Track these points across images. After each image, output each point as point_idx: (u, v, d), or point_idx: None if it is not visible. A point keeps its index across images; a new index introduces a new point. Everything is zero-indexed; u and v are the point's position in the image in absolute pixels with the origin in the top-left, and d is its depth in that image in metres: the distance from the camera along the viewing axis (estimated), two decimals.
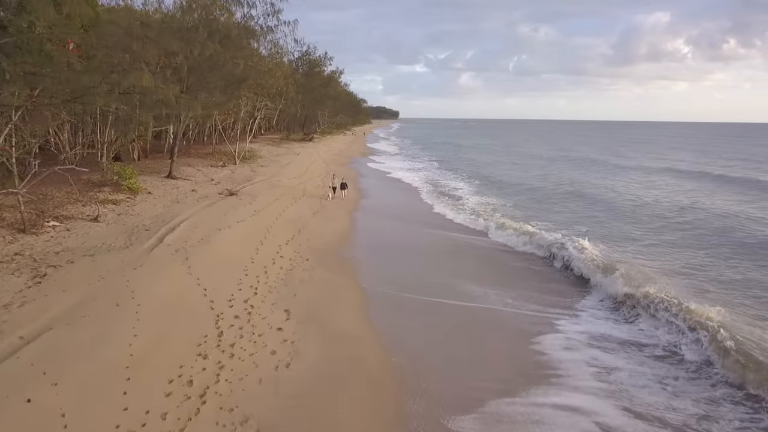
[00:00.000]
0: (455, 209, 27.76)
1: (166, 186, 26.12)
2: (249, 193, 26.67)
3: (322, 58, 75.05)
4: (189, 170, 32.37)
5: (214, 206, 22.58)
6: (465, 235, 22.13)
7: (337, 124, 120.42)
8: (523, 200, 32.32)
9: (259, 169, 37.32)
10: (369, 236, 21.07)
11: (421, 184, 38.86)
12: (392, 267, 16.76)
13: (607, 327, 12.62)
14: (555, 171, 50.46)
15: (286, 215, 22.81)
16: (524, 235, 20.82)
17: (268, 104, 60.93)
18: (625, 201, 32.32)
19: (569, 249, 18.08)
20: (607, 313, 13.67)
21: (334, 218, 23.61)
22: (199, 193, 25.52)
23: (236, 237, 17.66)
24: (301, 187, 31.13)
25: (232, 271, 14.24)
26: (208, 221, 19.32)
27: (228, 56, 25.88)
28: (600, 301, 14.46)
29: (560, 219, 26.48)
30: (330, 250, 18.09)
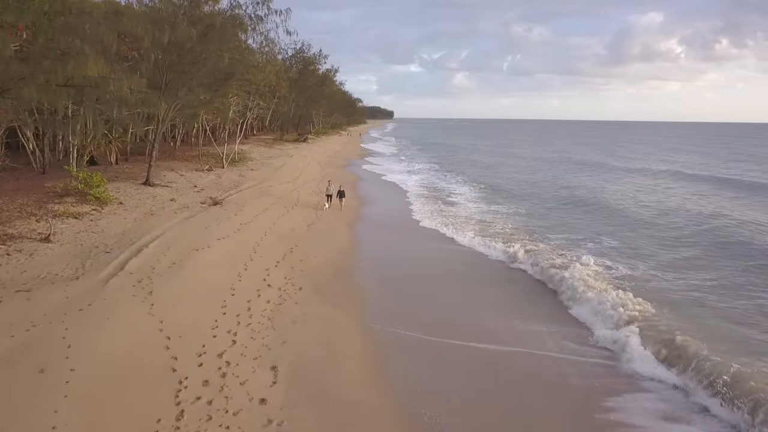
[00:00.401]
0: (465, 222, 24.85)
1: (142, 195, 23.19)
2: (235, 202, 23.79)
3: (316, 56, 72.20)
4: (171, 175, 29.44)
5: (193, 219, 19.69)
6: (482, 250, 19.39)
7: (331, 124, 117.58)
8: (532, 209, 29.50)
9: (249, 173, 34.41)
10: (373, 255, 18.22)
11: (424, 190, 36.09)
12: (404, 297, 13.93)
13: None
14: (558, 174, 47.74)
15: (276, 229, 19.98)
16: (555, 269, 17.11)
17: (260, 103, 58.19)
18: (643, 210, 29.55)
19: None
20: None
21: (332, 232, 20.79)
22: (179, 202, 22.62)
23: (215, 259, 14.80)
24: (294, 194, 28.27)
25: (206, 308, 11.40)
26: (184, 239, 16.44)
27: (212, 49, 22.97)
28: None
29: (578, 233, 23.53)
30: (328, 274, 15.27)
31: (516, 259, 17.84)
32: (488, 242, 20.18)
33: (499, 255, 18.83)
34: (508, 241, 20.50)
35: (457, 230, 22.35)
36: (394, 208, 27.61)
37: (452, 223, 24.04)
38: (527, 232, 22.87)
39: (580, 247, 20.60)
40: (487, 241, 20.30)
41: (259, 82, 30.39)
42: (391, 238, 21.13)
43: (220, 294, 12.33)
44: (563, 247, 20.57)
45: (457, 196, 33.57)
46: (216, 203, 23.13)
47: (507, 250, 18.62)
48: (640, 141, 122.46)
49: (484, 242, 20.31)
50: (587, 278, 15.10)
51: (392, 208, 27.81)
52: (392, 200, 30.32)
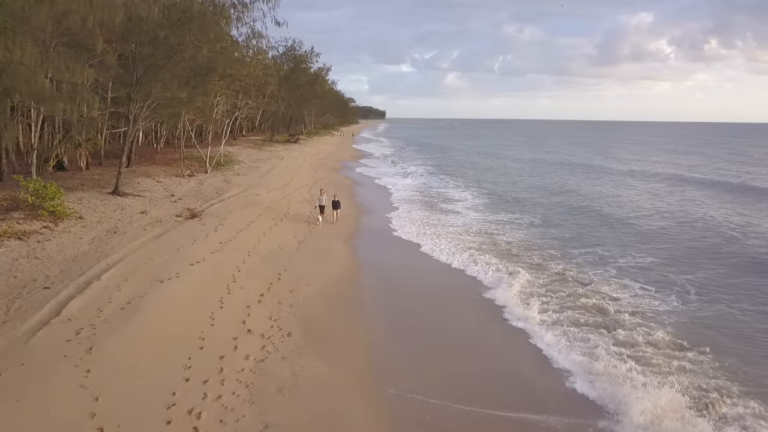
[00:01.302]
0: (478, 240, 21.94)
1: (108, 207, 20.22)
2: (216, 214, 20.88)
3: (308, 53, 69.24)
4: (146, 182, 26.44)
5: (164, 237, 16.77)
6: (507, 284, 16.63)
7: (323, 124, 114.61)
8: (545, 218, 26.72)
9: (235, 178, 31.46)
10: (377, 282, 15.30)
11: (425, 197, 33.32)
12: (422, 344, 11.07)
13: None
14: (562, 179, 45.07)
15: (262, 247, 17.11)
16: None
17: (249, 102, 55.24)
18: (669, 220, 26.91)
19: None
20: None
21: (327, 251, 17.94)
22: (150, 215, 19.67)
23: (183, 295, 11.91)
24: (283, 203, 25.37)
25: (162, 373, 8.54)
26: (149, 266, 13.53)
27: (189, 39, 20.02)
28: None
29: (602, 247, 20.80)
30: (323, 311, 12.43)
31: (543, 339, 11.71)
32: (511, 273, 16.95)
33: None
34: (525, 263, 17.81)
35: (474, 253, 19.53)
36: (396, 219, 24.75)
37: (465, 242, 21.17)
38: (545, 247, 20.21)
39: (608, 265, 18.04)
40: (510, 269, 17.25)
41: (244, 77, 27.39)
42: (397, 258, 18.28)
43: (185, 347, 9.46)
44: (589, 265, 18.00)
45: (460, 203, 30.83)
46: (194, 216, 20.22)
47: (528, 315, 12.90)
48: (636, 141, 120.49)
49: (506, 270, 17.27)
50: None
51: (395, 218, 24.96)
52: (393, 210, 27.47)
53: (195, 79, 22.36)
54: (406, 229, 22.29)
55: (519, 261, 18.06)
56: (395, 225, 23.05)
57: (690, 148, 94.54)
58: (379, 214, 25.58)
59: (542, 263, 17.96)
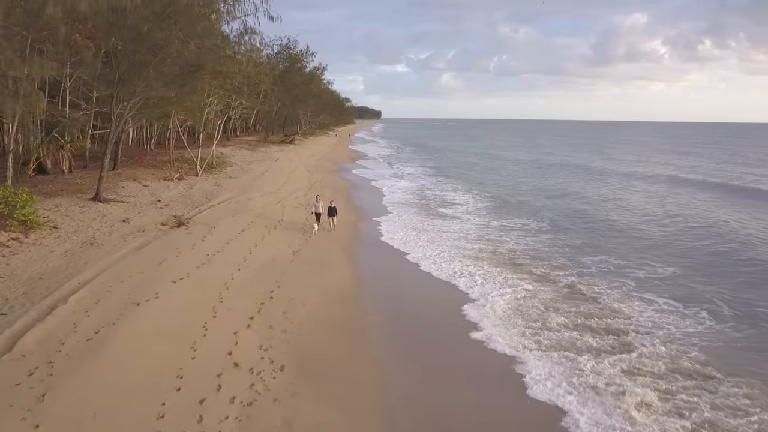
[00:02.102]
0: (489, 250, 20.56)
1: (87, 214, 18.73)
2: (205, 222, 19.43)
3: (303, 53, 67.80)
4: (131, 187, 24.94)
5: (146, 249, 15.30)
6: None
7: (319, 124, 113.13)
8: (551, 222, 25.36)
9: (226, 182, 29.98)
10: (383, 300, 13.81)
11: (427, 202, 31.97)
12: (440, 381, 9.59)
13: None
14: (563, 181, 43.65)
15: (253, 260, 15.67)
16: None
17: (243, 102, 53.79)
18: (682, 226, 25.57)
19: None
20: None
21: (325, 262, 16.53)
22: (133, 224, 18.20)
23: (162, 321, 10.46)
24: (277, 209, 23.92)
25: (130, 427, 7.10)
26: (125, 285, 12.09)
27: (175, 34, 18.53)
28: None
29: (618, 257, 19.48)
30: (322, 337, 11.00)
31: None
32: (512, 287, 15.57)
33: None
34: (529, 274, 16.51)
35: (471, 263, 18.18)
36: (398, 225, 23.32)
37: (465, 250, 19.84)
38: (553, 255, 18.92)
39: (624, 276, 16.77)
40: (510, 281, 15.91)
41: (234, 75, 25.88)
42: (403, 270, 16.79)
43: (159, 390, 8.02)
44: (603, 276, 16.74)
45: (460, 207, 29.48)
46: (180, 224, 18.75)
47: (522, 343, 11.25)
48: (633, 142, 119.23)
49: (505, 282, 15.94)
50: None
51: (397, 224, 23.53)
52: (392, 215, 26.06)
53: (182, 77, 20.87)
54: (407, 239, 20.86)
55: (523, 271, 16.77)
56: (395, 233, 21.60)
57: (688, 148, 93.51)
58: (378, 220, 24.15)
59: (549, 274, 16.67)
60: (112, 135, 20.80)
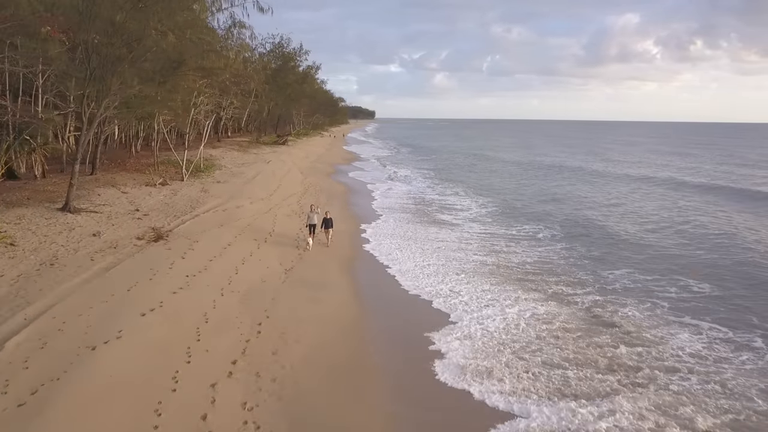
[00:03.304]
0: (501, 266, 18.82)
1: (53, 227, 16.64)
2: (187, 235, 17.39)
3: (296, 51, 65.72)
4: (109, 194, 22.82)
5: (115, 271, 13.27)
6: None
7: (313, 124, 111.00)
8: (564, 232, 23.50)
9: (214, 187, 27.90)
10: (392, 333, 11.79)
11: (428, 208, 30.05)
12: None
13: None
14: (567, 184, 41.73)
15: (240, 281, 13.68)
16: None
17: (233, 102, 51.72)
18: (708, 236, 23.86)
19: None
20: None
21: (321, 283, 14.54)
22: (104, 238, 16.14)
23: (122, 370, 8.45)
24: (268, 218, 21.90)
25: None
26: (83, 319, 10.07)
27: (152, 25, 16.47)
28: None
29: (644, 271, 17.78)
30: (322, 385, 8.99)
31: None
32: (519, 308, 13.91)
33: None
34: (539, 292, 14.73)
35: (498, 280, 16.32)
36: (399, 235, 21.34)
37: (472, 264, 17.97)
38: (569, 269, 17.12)
39: (654, 296, 14.98)
40: (522, 304, 14.12)
41: (221, 72, 23.76)
42: (413, 293, 14.82)
43: None
44: (633, 294, 15.00)
45: (462, 213, 27.61)
46: (158, 237, 16.70)
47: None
48: (630, 143, 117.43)
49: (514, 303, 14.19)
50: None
51: (398, 234, 21.55)
52: (394, 222, 24.08)
53: (162, 74, 18.82)
54: (410, 254, 18.89)
55: (533, 289, 15.02)
56: (398, 246, 19.63)
57: (684, 149, 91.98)
58: (378, 230, 22.16)
59: (564, 293, 14.93)
60: (84, 138, 18.69)
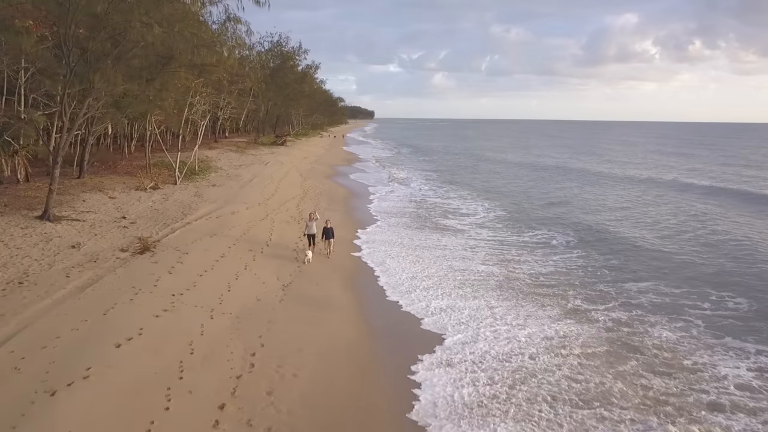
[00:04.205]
0: (518, 279, 17.50)
1: (29, 238, 15.18)
2: (176, 246, 15.95)
3: (295, 50, 64.36)
4: (94, 199, 21.38)
5: (92, 290, 11.81)
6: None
7: (312, 124, 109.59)
8: (579, 239, 22.07)
9: (208, 191, 26.47)
10: (406, 364, 10.44)
11: (434, 213, 28.62)
12: None
13: None
14: (576, 186, 40.28)
15: (232, 301, 12.24)
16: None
17: (230, 102, 50.31)
18: (733, 243, 22.39)
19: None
20: None
21: (323, 301, 13.10)
22: (85, 250, 14.69)
23: (84, 423, 7.02)
24: (266, 225, 20.46)
25: None
26: (47, 352, 8.63)
27: (137, 16, 15.01)
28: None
29: (669, 282, 16.32)
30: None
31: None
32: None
33: None
34: (565, 309, 13.38)
35: (513, 293, 14.92)
36: (401, 242, 19.88)
37: (484, 276, 16.56)
38: (591, 281, 15.73)
39: (689, 314, 13.67)
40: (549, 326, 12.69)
41: (214, 69, 22.26)
42: (406, 310, 13.39)
43: None
44: (663, 311, 13.65)
45: (468, 218, 26.19)
46: (145, 249, 15.27)
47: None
48: (631, 143, 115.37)
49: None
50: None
51: (399, 240, 20.10)
52: (398, 230, 22.63)
53: (150, 71, 17.36)
54: (417, 266, 17.47)
55: (547, 304, 13.75)
56: (404, 257, 18.20)
57: (687, 149, 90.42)
58: (382, 237, 20.70)
59: (582, 309, 13.58)
60: (64, 140, 17.19)
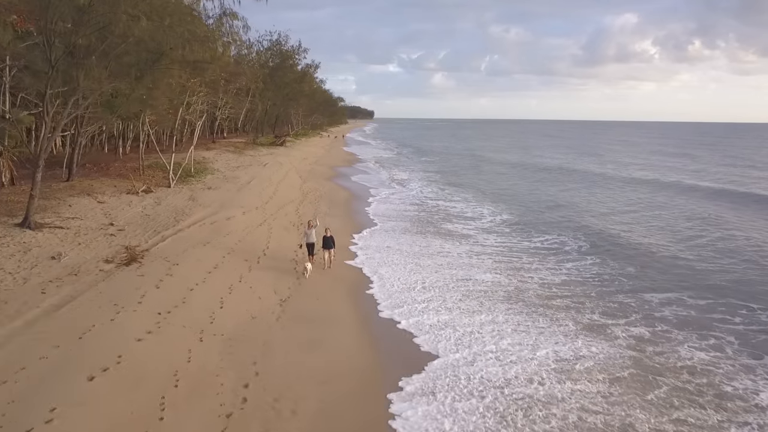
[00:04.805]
0: (537, 293, 16.37)
1: (5, 248, 14.00)
2: (166, 255, 14.77)
3: (295, 49, 63.21)
4: (82, 204, 20.20)
5: (68, 309, 10.63)
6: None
7: (311, 124, 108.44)
8: (591, 245, 20.96)
9: (203, 194, 25.29)
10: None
11: (440, 218, 27.47)
12: None
13: None
14: (583, 188, 39.22)
15: (224, 319, 11.08)
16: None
17: (228, 102, 49.14)
18: (757, 250, 21.34)
19: None
20: None
21: (326, 318, 11.92)
22: (66, 262, 13.52)
23: None
24: (263, 232, 19.29)
25: None
26: (4, 391, 7.46)
27: (123, 8, 13.83)
28: None
29: (699, 295, 15.25)
30: None
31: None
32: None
33: None
34: (580, 324, 12.32)
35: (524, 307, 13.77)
36: (407, 250, 18.69)
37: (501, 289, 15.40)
38: (609, 291, 14.67)
39: (719, 330, 12.77)
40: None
41: (208, 66, 20.99)
42: (402, 327, 12.20)
43: None
44: (690, 326, 12.61)
45: (474, 222, 25.05)
46: (132, 259, 14.09)
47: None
48: (633, 143, 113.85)
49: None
50: None
51: (405, 248, 18.91)
52: (403, 236, 21.45)
53: (139, 67, 16.19)
54: (426, 277, 16.31)
55: (560, 319, 12.65)
56: (411, 267, 17.05)
57: (689, 150, 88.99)
58: (387, 244, 19.52)
59: (599, 323, 12.58)
60: (45, 143, 15.98)
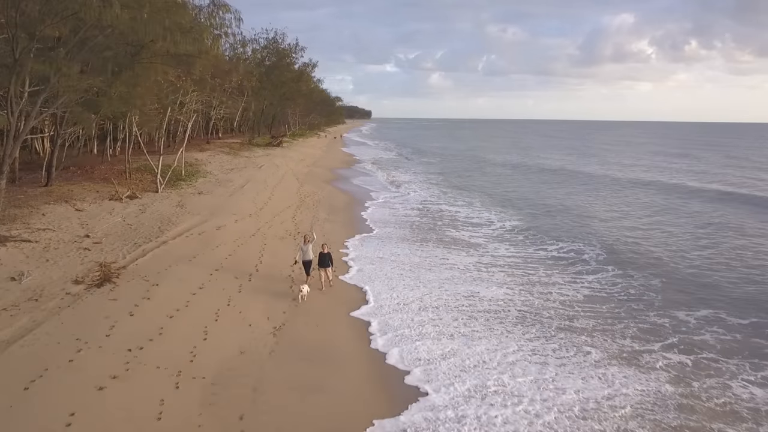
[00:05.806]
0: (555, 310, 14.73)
1: None
2: (145, 274, 13.03)
3: (292, 47, 61.49)
4: (58, 212, 18.43)
5: (17, 348, 8.90)
6: None
7: (309, 124, 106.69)
8: (607, 253, 19.36)
9: (193, 200, 23.53)
10: None
11: (440, 221, 25.77)
12: None
13: None
14: (592, 191, 37.67)
15: (207, 355, 9.37)
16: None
17: (223, 100, 47.44)
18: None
19: None
20: None
21: (327, 352, 10.19)
22: (27, 284, 11.77)
23: None
24: (256, 243, 17.54)
25: None
26: None
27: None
28: None
29: (733, 312, 13.73)
30: None
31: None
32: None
33: None
34: (608, 353, 10.65)
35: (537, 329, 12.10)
36: (407, 261, 16.94)
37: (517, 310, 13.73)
38: (635, 309, 12.91)
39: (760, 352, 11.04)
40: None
41: (194, 60, 19.27)
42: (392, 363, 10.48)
43: None
44: (732, 349, 11.22)
45: (482, 228, 23.40)
46: (105, 279, 12.38)
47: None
48: (631, 143, 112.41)
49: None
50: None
51: (405, 260, 17.17)
52: (409, 245, 19.72)
53: (116, 62, 14.48)
54: (411, 286, 14.60)
55: (584, 345, 11.09)
56: (402, 277, 15.35)
57: (689, 150, 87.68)
58: (394, 256, 17.79)
59: (631, 349, 11.07)
60: (8, 147, 14.25)
